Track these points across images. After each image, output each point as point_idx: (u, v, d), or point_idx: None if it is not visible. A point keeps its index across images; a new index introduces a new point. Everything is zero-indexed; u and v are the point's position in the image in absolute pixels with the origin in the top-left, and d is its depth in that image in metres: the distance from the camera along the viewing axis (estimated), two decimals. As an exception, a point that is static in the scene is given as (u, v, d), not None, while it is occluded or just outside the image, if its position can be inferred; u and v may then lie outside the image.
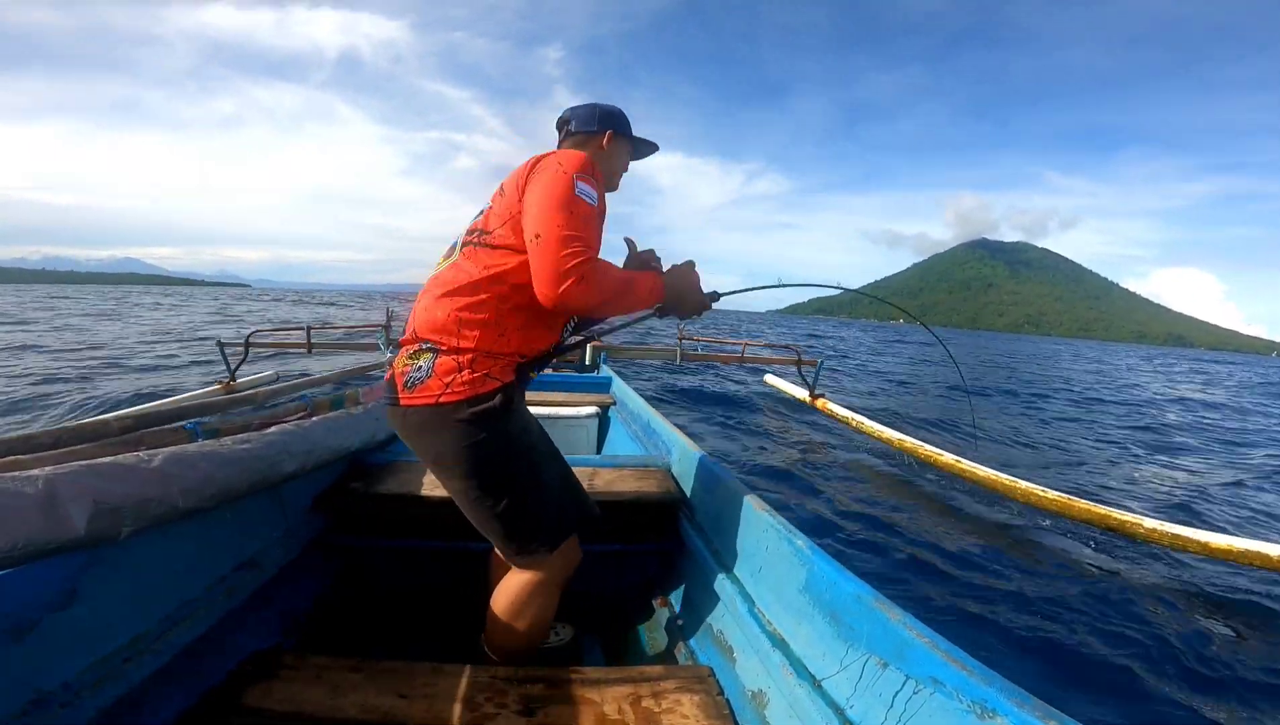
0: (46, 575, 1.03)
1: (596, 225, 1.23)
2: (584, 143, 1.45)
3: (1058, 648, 2.39)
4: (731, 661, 1.37)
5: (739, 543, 1.52)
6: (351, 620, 1.77)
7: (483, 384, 1.22)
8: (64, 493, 1.00)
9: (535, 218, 1.19)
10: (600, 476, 1.99)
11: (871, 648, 1.00)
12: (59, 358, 9.85)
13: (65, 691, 1.00)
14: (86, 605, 1.08)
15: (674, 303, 1.39)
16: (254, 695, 1.16)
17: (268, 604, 1.55)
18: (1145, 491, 5.26)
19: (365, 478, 1.92)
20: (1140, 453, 7.26)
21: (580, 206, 1.19)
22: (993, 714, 0.75)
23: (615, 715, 1.16)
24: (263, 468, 1.51)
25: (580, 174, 1.23)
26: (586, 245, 1.17)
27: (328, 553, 1.86)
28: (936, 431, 6.87)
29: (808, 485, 4.41)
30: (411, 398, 1.24)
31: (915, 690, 0.88)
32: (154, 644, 1.17)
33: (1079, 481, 5.31)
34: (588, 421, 3.41)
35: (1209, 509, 4.75)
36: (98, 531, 1.01)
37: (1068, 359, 36.03)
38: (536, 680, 1.25)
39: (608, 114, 1.46)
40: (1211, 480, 5.93)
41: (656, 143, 1.57)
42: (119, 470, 1.13)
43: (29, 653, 0.97)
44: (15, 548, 0.90)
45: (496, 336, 1.24)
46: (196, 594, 1.34)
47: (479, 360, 1.23)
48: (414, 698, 1.18)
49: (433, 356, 1.23)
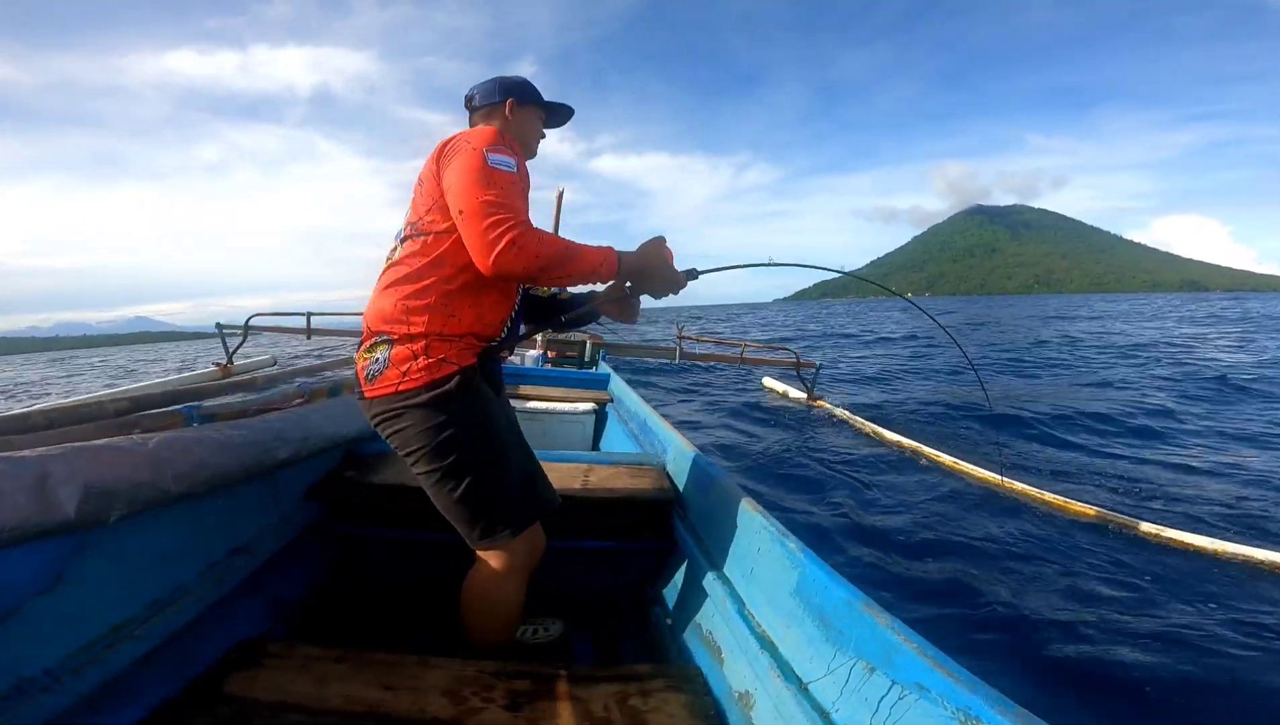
0: (32, 558, 1.02)
1: (519, 190, 1.24)
2: (489, 116, 1.46)
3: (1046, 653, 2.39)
4: (720, 662, 1.37)
5: (731, 543, 1.52)
6: (344, 609, 1.77)
7: (439, 369, 1.24)
8: (55, 475, 1.00)
9: (457, 195, 1.20)
10: (595, 473, 1.99)
11: (859, 652, 1.00)
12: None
13: (46, 677, 0.99)
14: (72, 589, 1.07)
15: (638, 276, 1.38)
16: (238, 684, 1.16)
17: (259, 591, 1.55)
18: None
19: (361, 466, 1.91)
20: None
21: (498, 176, 1.20)
22: (976, 721, 0.75)
23: (601, 713, 1.16)
24: (258, 453, 1.51)
25: (491, 146, 1.24)
26: (511, 210, 1.17)
27: (322, 541, 1.86)
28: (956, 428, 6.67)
29: (803, 487, 4.42)
30: (373, 389, 1.27)
31: (901, 695, 0.88)
32: (140, 630, 1.17)
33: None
34: (584, 417, 3.41)
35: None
36: (87, 515, 1.01)
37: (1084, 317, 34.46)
38: (524, 676, 1.25)
39: (508, 84, 1.47)
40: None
41: (570, 106, 1.57)
42: (112, 453, 1.13)
43: (11, 637, 0.97)
44: (3, 530, 0.90)
45: (445, 318, 1.26)
46: (186, 579, 1.33)
47: (433, 345, 1.24)
48: (400, 690, 1.18)
49: (388, 347, 1.26)
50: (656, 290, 1.41)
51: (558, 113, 1.57)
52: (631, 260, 1.35)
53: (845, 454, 5.33)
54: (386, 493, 1.81)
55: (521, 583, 1.36)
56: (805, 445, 5.53)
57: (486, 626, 1.36)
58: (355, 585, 1.86)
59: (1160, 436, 5.85)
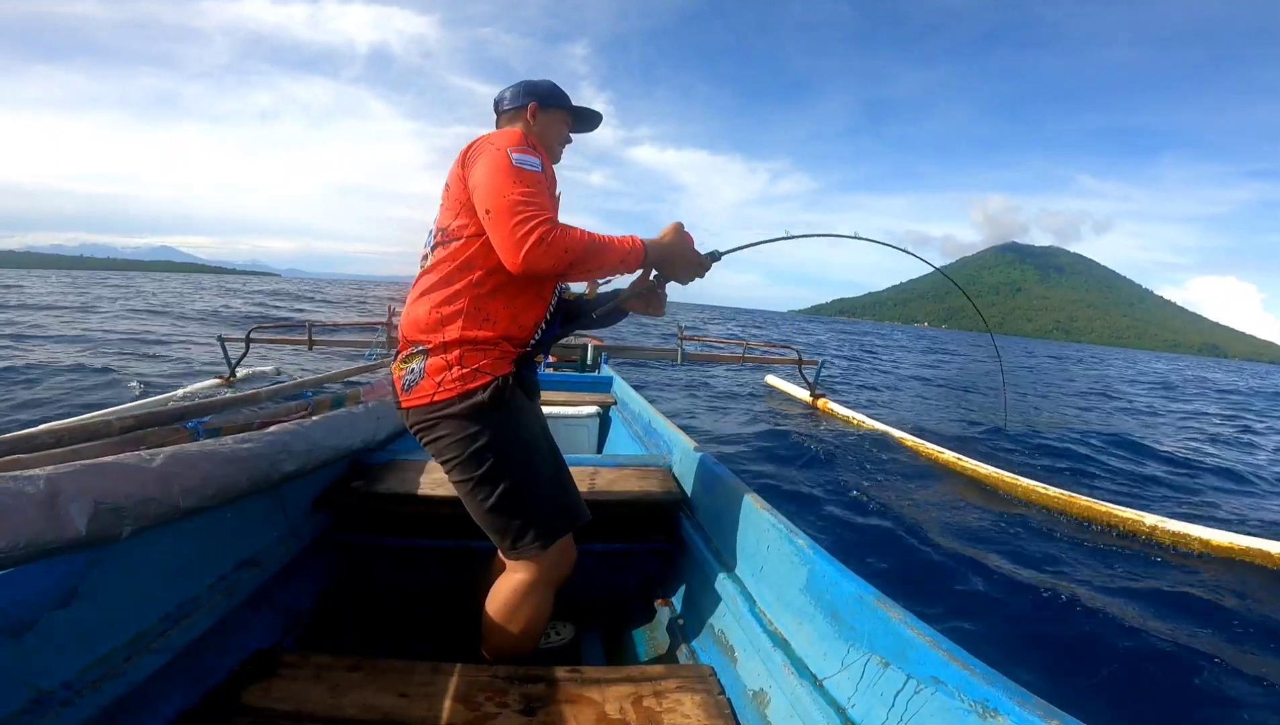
0: (47, 574, 1.03)
1: (545, 188, 1.23)
2: (514, 119, 1.47)
3: (1059, 646, 2.39)
4: (733, 661, 1.37)
5: (740, 542, 1.52)
6: (353, 619, 1.77)
7: (473, 379, 1.23)
8: (65, 492, 1.00)
9: (484, 194, 1.20)
10: (601, 476, 1.99)
11: (873, 647, 1.00)
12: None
13: (65, 690, 1.00)
14: (87, 604, 1.08)
15: (663, 262, 1.38)
16: (254, 694, 1.16)
17: (269, 603, 1.55)
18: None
19: (366, 476, 1.92)
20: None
21: (524, 175, 1.20)
22: (995, 713, 0.75)
23: (616, 715, 1.16)
24: (264, 467, 1.51)
25: (515, 147, 1.23)
26: (539, 207, 1.17)
27: (329, 551, 1.86)
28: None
29: (809, 485, 4.41)
30: (409, 400, 1.28)
31: (917, 690, 0.88)
32: (155, 643, 1.17)
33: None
34: (589, 421, 3.41)
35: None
36: (99, 531, 1.01)
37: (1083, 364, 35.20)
38: (537, 679, 1.25)
39: (533, 88, 1.47)
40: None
41: (598, 112, 1.57)
42: (120, 470, 1.13)
43: (28, 652, 0.97)
44: (16, 547, 0.90)
45: (479, 322, 1.26)
46: (197, 593, 1.34)
47: (467, 355, 1.24)
48: (414, 697, 1.18)
49: (423, 358, 1.26)
50: (681, 275, 1.41)
51: (585, 118, 1.57)
52: (656, 247, 1.34)
53: (847, 452, 5.32)
54: (392, 502, 1.81)
55: (548, 596, 1.34)
56: (809, 443, 5.53)
57: (507, 637, 1.33)
58: (364, 594, 1.86)
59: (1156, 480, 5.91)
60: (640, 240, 1.31)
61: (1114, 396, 14.99)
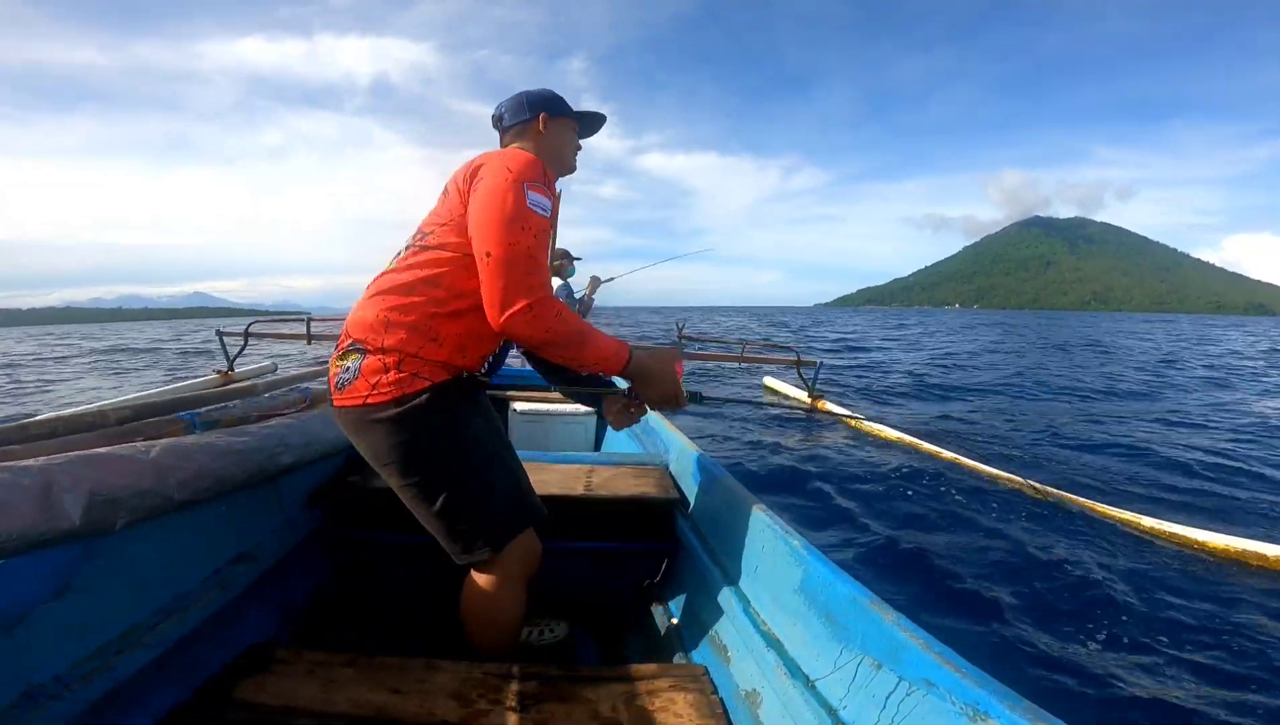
0: (39, 567, 1.02)
1: (546, 240, 1.20)
2: (522, 134, 1.40)
3: (1052, 647, 2.39)
4: (726, 661, 1.37)
5: (735, 542, 1.53)
6: (349, 613, 1.77)
7: (410, 384, 1.19)
8: (59, 484, 1.00)
9: (486, 234, 1.15)
10: (597, 474, 1.99)
11: (865, 649, 1.00)
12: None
13: (56, 684, 0.99)
14: (79, 597, 1.07)
15: (642, 380, 1.35)
16: (247, 689, 1.16)
17: (264, 597, 1.55)
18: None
19: (363, 471, 1.91)
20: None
21: (533, 221, 1.16)
22: (984, 716, 0.75)
23: (609, 713, 1.16)
24: (260, 460, 1.51)
25: (532, 182, 1.18)
26: (540, 271, 1.15)
27: (325, 546, 1.86)
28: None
29: (805, 485, 4.42)
30: (342, 398, 1.23)
31: (908, 692, 0.88)
32: (147, 636, 1.17)
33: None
34: (586, 419, 3.41)
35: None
36: (93, 523, 1.01)
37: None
38: (530, 677, 1.25)
39: (537, 98, 1.40)
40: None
41: (601, 113, 1.52)
42: (115, 461, 1.13)
43: (19, 645, 0.97)
44: (9, 539, 0.90)
45: (425, 340, 1.21)
46: (192, 586, 1.34)
47: (405, 361, 1.19)
48: (408, 693, 1.18)
49: (360, 357, 1.21)
50: (654, 400, 1.39)
51: (590, 122, 1.51)
52: (641, 362, 1.30)
53: (845, 452, 5.33)
54: (389, 497, 1.80)
55: (516, 593, 1.31)
56: (806, 444, 5.54)
57: (487, 636, 1.34)
58: (360, 589, 1.86)
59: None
60: (628, 352, 1.27)
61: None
